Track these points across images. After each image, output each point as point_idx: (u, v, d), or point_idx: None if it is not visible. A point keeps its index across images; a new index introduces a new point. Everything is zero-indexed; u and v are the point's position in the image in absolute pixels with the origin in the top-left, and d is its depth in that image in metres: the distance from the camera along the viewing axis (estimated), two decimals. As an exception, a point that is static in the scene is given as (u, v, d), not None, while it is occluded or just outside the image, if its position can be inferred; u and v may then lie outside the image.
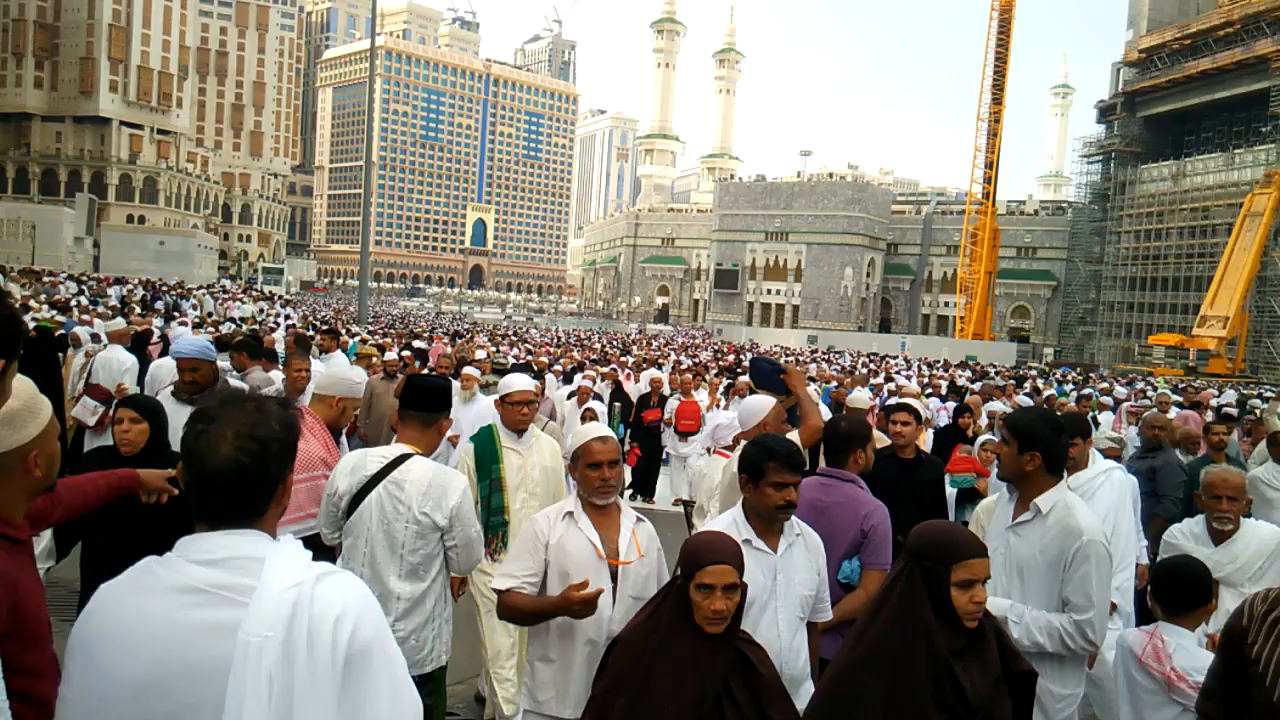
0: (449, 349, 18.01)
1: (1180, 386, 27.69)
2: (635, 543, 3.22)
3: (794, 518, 3.26)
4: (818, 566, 3.28)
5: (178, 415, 3.93)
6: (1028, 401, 13.56)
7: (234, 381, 6.68)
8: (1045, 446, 3.30)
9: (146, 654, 1.51)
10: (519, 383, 4.79)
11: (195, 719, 1.50)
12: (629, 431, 12.38)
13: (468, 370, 9.10)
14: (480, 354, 13.46)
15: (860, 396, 8.85)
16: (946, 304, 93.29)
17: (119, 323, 10.63)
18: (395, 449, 3.57)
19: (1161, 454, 6.96)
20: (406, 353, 13.24)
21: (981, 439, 7.01)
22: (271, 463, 1.65)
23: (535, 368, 13.47)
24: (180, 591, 1.55)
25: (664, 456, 12.30)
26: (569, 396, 10.81)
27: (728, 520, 3.28)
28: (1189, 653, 3.06)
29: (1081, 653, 3.29)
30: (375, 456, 3.54)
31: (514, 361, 14.81)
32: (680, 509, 10.43)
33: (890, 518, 3.87)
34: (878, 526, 3.79)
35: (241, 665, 1.46)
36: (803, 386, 4.96)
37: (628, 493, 12.02)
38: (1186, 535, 4.18)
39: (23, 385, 1.99)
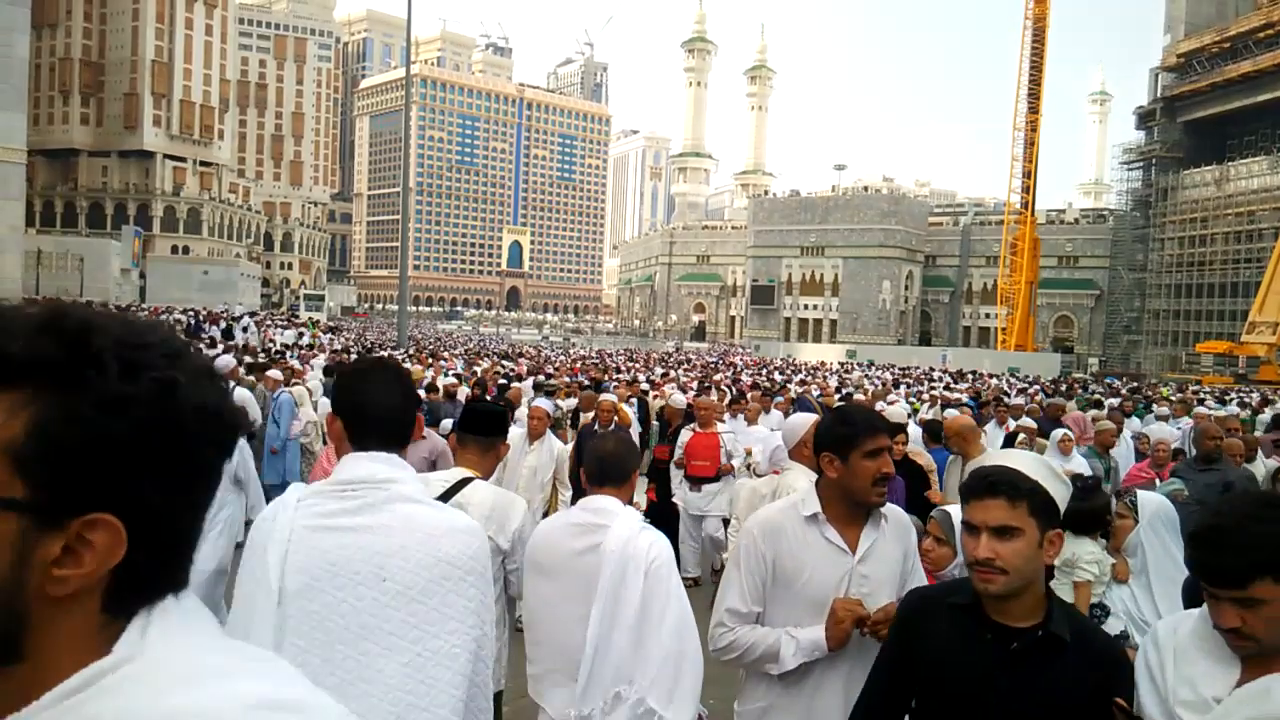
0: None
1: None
2: None
3: None
4: None
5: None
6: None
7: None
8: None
9: (559, 564, 2.86)
10: None
11: (584, 601, 2.72)
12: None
13: None
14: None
15: (895, 410, 8.89)
16: (987, 315, 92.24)
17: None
18: (456, 472, 3.53)
19: (1222, 466, 6.62)
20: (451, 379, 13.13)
21: None
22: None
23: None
24: (571, 525, 2.90)
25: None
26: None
27: None
28: None
29: None
30: (437, 481, 3.50)
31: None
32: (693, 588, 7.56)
33: None
34: None
35: (605, 565, 2.70)
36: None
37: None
38: None
39: None
